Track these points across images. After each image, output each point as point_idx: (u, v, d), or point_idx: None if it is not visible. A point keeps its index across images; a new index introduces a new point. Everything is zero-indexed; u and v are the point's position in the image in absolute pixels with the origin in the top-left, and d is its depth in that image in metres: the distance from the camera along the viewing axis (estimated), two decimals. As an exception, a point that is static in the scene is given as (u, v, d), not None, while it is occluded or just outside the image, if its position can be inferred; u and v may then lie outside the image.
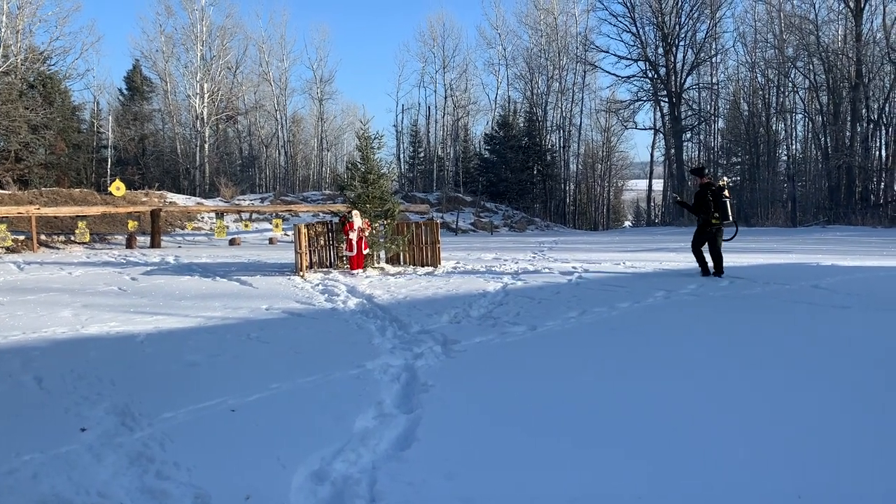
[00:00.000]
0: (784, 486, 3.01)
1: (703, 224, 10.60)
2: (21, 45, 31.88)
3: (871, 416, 3.92)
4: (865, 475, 3.13)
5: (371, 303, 8.35)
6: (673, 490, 3.02)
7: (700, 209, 10.58)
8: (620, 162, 60.01)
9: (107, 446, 3.60)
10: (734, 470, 3.18)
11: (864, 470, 3.18)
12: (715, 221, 10.46)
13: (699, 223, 10.73)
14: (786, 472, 3.16)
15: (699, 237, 10.69)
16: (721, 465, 3.23)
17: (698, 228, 10.76)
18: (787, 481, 3.06)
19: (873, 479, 3.09)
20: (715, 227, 10.46)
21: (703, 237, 10.62)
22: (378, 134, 12.93)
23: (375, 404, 4.26)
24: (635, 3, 44.18)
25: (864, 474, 3.14)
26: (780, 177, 39.89)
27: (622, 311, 7.46)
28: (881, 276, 10.25)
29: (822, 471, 3.16)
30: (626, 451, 3.42)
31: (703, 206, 10.51)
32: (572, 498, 2.97)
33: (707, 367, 5.02)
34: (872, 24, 35.14)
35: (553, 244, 19.53)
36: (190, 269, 12.81)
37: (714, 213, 10.39)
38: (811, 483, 3.04)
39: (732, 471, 3.18)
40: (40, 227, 19.84)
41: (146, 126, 43.42)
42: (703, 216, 10.56)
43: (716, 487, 3.02)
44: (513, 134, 44.63)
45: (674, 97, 43.35)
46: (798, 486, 3.00)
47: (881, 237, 21.05)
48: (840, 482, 3.06)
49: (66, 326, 6.89)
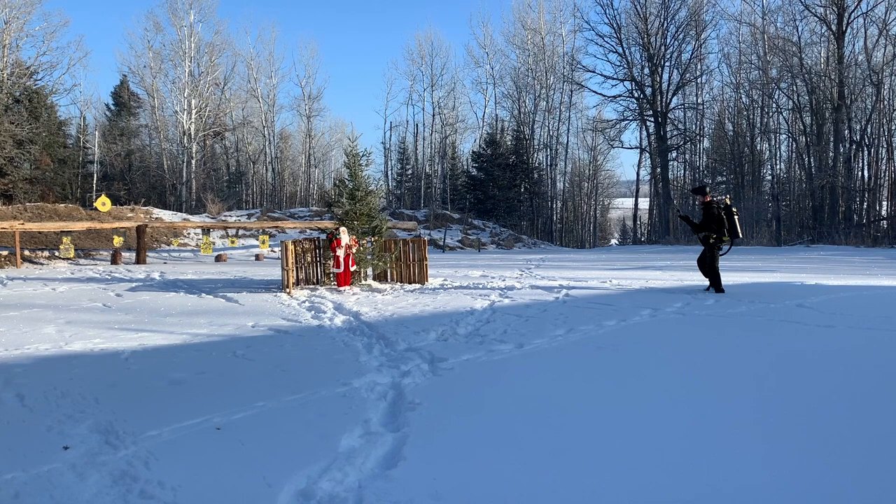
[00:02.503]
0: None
1: (714, 242, 10.72)
2: (7, 59, 31.80)
3: (861, 429, 3.95)
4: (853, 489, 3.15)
5: (358, 320, 8.32)
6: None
7: (709, 227, 10.72)
8: (607, 180, 60.52)
9: (90, 465, 3.56)
10: (724, 491, 3.19)
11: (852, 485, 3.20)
12: (725, 239, 10.67)
13: (710, 242, 10.79)
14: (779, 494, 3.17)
15: (713, 255, 10.76)
16: (709, 483, 3.24)
17: (708, 247, 10.81)
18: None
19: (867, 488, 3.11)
20: (719, 245, 10.66)
21: (715, 254, 10.74)
22: (366, 151, 12.97)
23: (362, 422, 4.24)
24: (621, 24, 44.71)
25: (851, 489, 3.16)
26: (765, 196, 40.27)
27: (609, 330, 7.48)
28: (865, 295, 10.35)
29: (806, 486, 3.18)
30: (614, 469, 3.42)
31: (716, 224, 10.66)
32: (559, 517, 2.96)
33: (692, 386, 5.04)
34: (854, 46, 35.76)
35: (540, 262, 19.57)
36: (175, 285, 12.73)
37: (726, 230, 10.61)
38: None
39: (722, 492, 3.18)
40: (24, 243, 19.67)
41: (133, 141, 43.33)
42: (711, 234, 10.70)
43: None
44: (500, 152, 44.86)
45: (659, 117, 43.76)
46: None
47: (864, 256, 21.27)
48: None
49: (49, 343, 6.82)
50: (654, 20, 43.49)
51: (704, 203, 10.86)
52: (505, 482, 3.30)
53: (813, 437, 3.87)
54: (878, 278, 13.01)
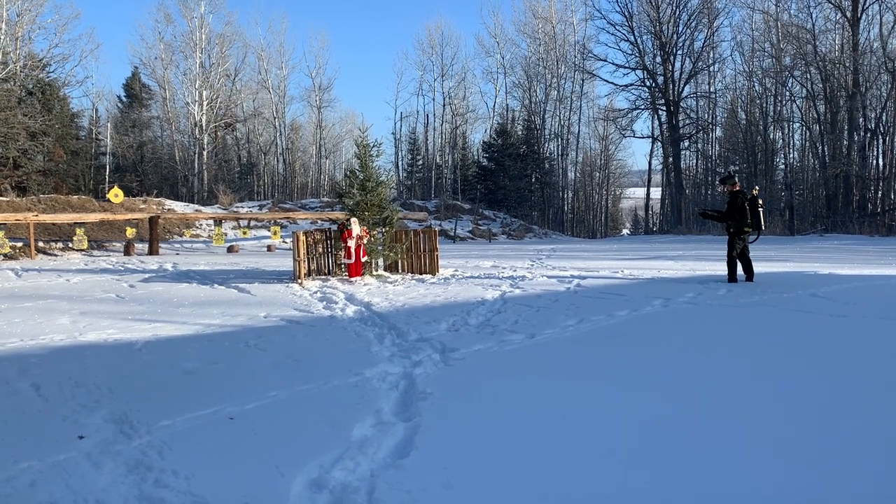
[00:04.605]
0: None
1: (735, 232, 10.65)
2: (20, 52, 31.94)
3: (875, 420, 3.92)
4: (868, 479, 3.13)
5: (369, 310, 8.34)
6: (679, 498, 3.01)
7: (733, 217, 10.66)
8: (618, 170, 60.14)
9: (105, 454, 3.59)
10: (740, 478, 3.18)
11: (867, 474, 3.19)
12: (748, 230, 10.60)
13: (731, 232, 10.74)
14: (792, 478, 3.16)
15: (734, 245, 10.69)
16: (726, 472, 3.23)
17: (731, 237, 10.74)
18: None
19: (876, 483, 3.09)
20: (745, 235, 10.61)
21: (737, 245, 10.67)
22: (377, 142, 12.95)
23: (374, 412, 4.26)
24: (633, 12, 44.33)
25: (866, 478, 3.14)
26: (778, 185, 39.95)
27: (620, 320, 7.46)
28: (879, 285, 10.26)
29: (817, 473, 3.17)
30: (625, 460, 3.42)
31: (739, 215, 10.60)
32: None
33: (705, 377, 5.02)
34: (869, 33, 35.30)
35: (551, 252, 19.53)
36: (188, 276, 12.80)
37: (749, 221, 10.55)
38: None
39: (738, 479, 3.17)
40: (38, 234, 19.82)
41: (144, 133, 43.45)
42: (735, 224, 10.63)
43: (716, 489, 3.02)
44: (511, 142, 44.70)
45: (672, 106, 43.44)
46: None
47: (878, 246, 21.08)
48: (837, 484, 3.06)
49: (63, 334, 6.88)
50: (666, 8, 43.11)
51: (731, 192, 10.78)
52: (516, 471, 3.31)
53: (824, 430, 3.85)
54: (893, 268, 12.89)
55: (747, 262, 10.69)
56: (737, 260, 10.67)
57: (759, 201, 10.69)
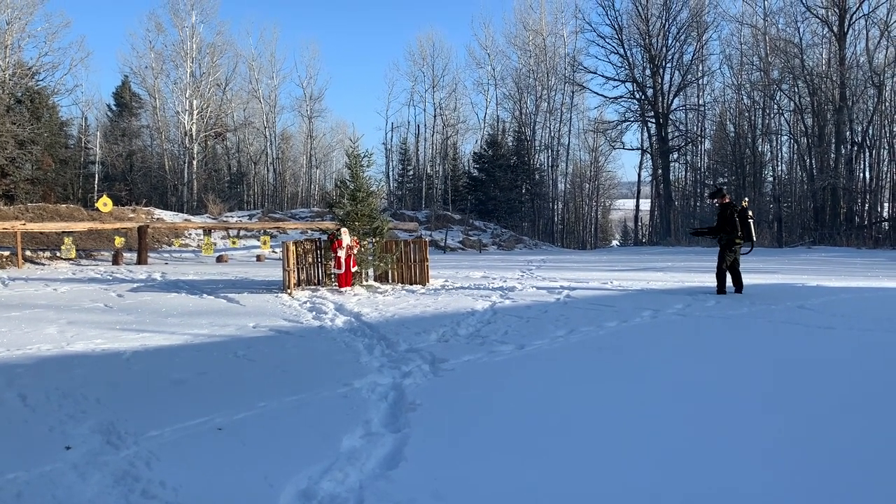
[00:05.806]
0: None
1: (726, 244, 10.71)
2: (9, 60, 31.80)
3: (860, 430, 3.95)
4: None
5: (359, 321, 8.33)
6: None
7: (724, 229, 10.72)
8: (608, 181, 60.46)
9: (92, 465, 3.57)
10: (728, 485, 3.20)
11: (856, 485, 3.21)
12: (739, 241, 10.66)
13: (721, 244, 10.80)
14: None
15: (724, 257, 10.74)
16: (714, 481, 3.25)
17: (722, 249, 10.80)
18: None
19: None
20: (736, 247, 10.66)
21: (728, 257, 10.72)
22: (367, 152, 12.97)
23: (363, 423, 4.25)
24: (623, 25, 44.74)
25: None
26: (766, 197, 40.22)
27: (609, 331, 7.49)
28: (866, 297, 10.34)
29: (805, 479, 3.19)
30: (616, 468, 3.43)
31: (730, 226, 10.66)
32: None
33: (693, 388, 5.04)
34: (856, 48, 35.73)
35: (541, 263, 19.58)
36: (177, 285, 12.74)
37: (739, 233, 10.60)
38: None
39: (726, 486, 3.19)
40: (26, 243, 19.69)
41: (134, 142, 43.31)
42: (726, 236, 10.69)
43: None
44: (501, 153, 44.84)
45: (661, 118, 43.76)
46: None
47: (865, 258, 21.26)
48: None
49: (51, 343, 6.84)
50: (655, 21, 43.53)
51: (722, 205, 10.86)
52: (505, 482, 3.31)
53: (813, 440, 3.87)
54: (880, 280, 13.01)
55: (737, 274, 10.76)
56: (726, 272, 10.73)
57: (749, 213, 10.76)
